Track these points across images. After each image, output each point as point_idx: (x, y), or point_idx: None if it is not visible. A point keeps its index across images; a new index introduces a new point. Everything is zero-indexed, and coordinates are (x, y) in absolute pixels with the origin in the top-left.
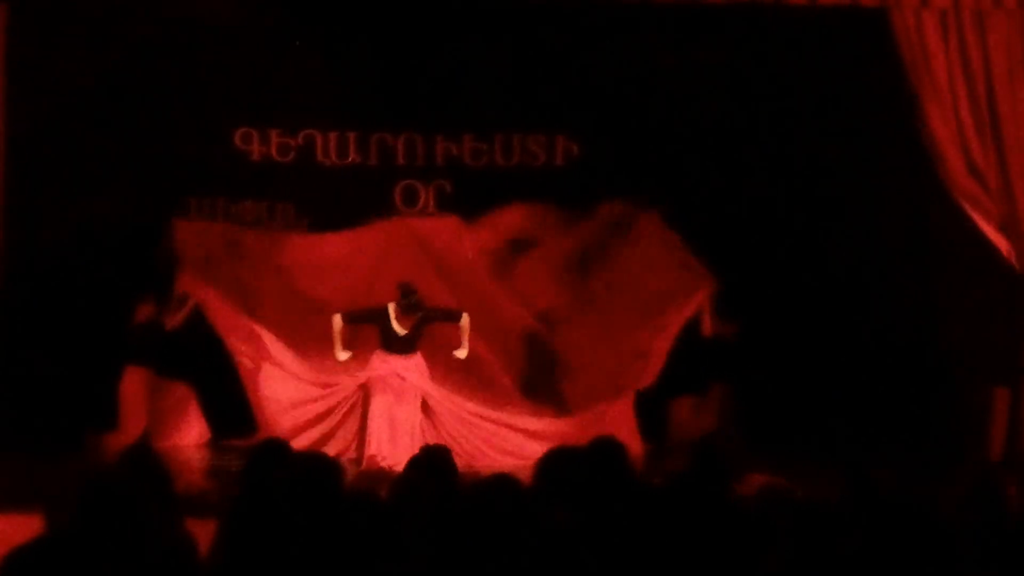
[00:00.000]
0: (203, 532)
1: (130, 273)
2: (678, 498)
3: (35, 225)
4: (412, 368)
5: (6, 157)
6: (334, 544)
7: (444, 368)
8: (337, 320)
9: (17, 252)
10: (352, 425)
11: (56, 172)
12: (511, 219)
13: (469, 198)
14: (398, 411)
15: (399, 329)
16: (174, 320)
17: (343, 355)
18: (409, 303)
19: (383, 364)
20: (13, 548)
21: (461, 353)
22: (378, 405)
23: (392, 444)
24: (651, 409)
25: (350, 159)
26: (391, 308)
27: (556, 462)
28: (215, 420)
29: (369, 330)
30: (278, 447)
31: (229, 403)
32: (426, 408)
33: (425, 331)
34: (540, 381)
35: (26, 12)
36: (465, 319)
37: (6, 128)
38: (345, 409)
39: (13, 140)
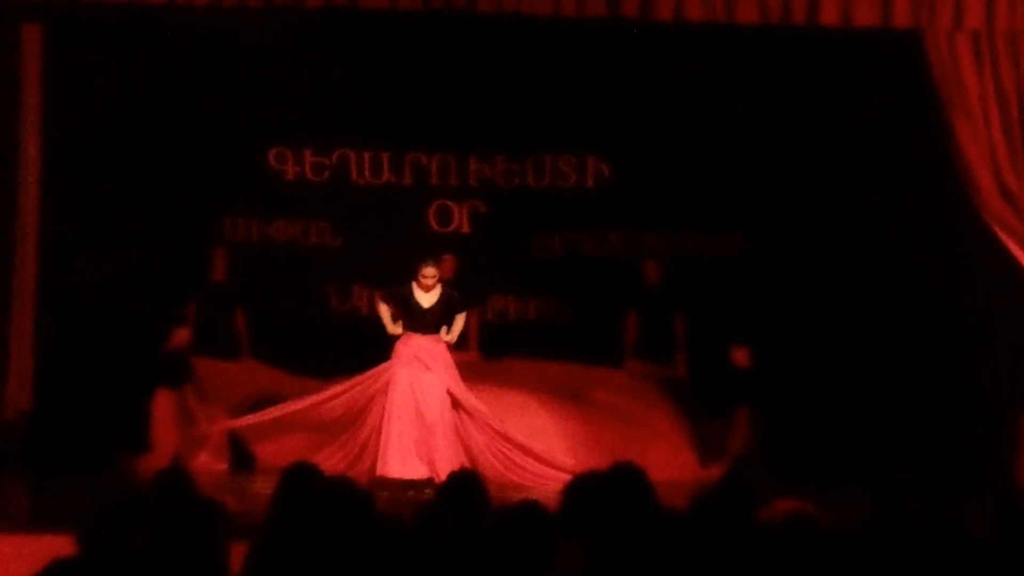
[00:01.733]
0: (235, 555)
1: (164, 295)
2: (701, 525)
3: (70, 246)
4: (437, 355)
5: (42, 178)
6: (362, 570)
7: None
8: (382, 305)
9: (52, 274)
10: (371, 451)
11: (90, 193)
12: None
13: (502, 218)
14: (423, 409)
15: (423, 301)
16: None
17: (397, 329)
18: (427, 261)
19: (406, 348)
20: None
21: (449, 337)
22: (399, 413)
23: (416, 455)
24: None
25: (384, 179)
26: (413, 285)
27: (579, 488)
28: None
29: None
30: (308, 471)
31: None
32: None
33: (447, 316)
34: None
35: (61, 34)
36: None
37: (43, 148)
38: (366, 430)
39: (48, 161)
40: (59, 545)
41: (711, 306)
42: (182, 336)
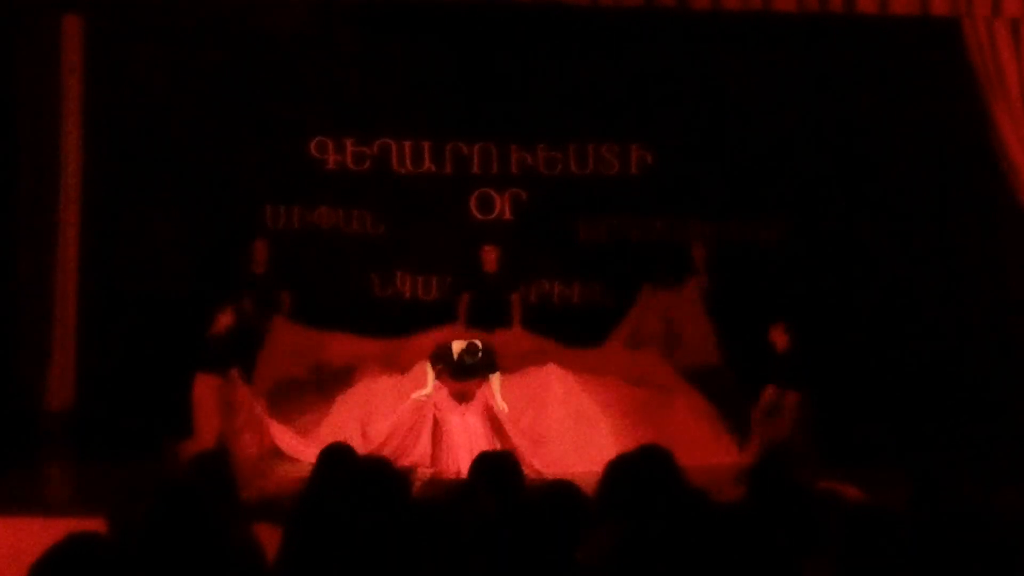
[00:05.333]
0: (275, 538)
1: (207, 281)
2: (738, 512)
3: (113, 234)
4: (477, 393)
5: (84, 167)
6: (395, 551)
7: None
8: (429, 369)
9: (96, 261)
10: (425, 439)
11: (133, 182)
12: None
13: (544, 206)
14: (465, 423)
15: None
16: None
17: (426, 392)
18: (465, 364)
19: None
20: (75, 542)
21: (502, 406)
22: (451, 421)
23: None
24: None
25: (425, 167)
26: (454, 348)
27: (613, 472)
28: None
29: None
30: (343, 453)
31: None
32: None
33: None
34: None
35: (103, 26)
36: (496, 378)
37: (84, 139)
38: (415, 421)
39: (91, 150)
40: (98, 528)
41: (754, 291)
42: (225, 321)
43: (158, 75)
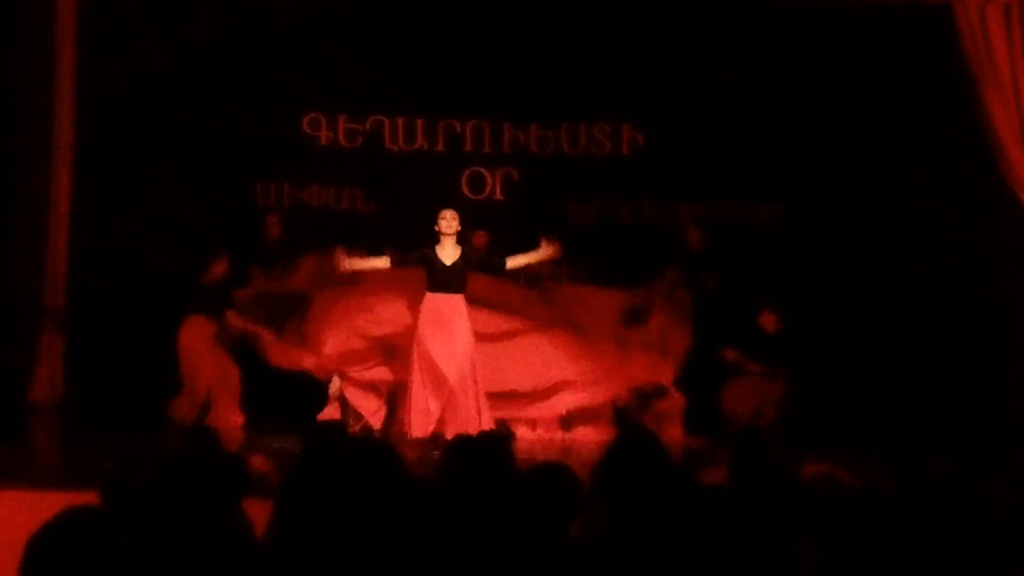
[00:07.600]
0: (259, 513)
1: (198, 254)
2: (721, 493)
3: (105, 206)
4: (456, 314)
5: (77, 140)
6: (386, 528)
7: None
8: (384, 261)
9: (88, 233)
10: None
11: (125, 155)
12: None
13: (535, 185)
14: (445, 373)
15: (445, 258)
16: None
17: (381, 262)
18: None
19: (427, 309)
20: (70, 516)
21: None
22: (420, 377)
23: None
24: (701, 398)
25: (417, 145)
26: (436, 247)
27: (603, 459)
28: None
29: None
30: (335, 430)
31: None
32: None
33: (469, 276)
34: None
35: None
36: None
37: (77, 113)
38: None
39: (84, 124)
40: (90, 501)
41: (742, 273)
42: (219, 269)
43: (152, 49)
